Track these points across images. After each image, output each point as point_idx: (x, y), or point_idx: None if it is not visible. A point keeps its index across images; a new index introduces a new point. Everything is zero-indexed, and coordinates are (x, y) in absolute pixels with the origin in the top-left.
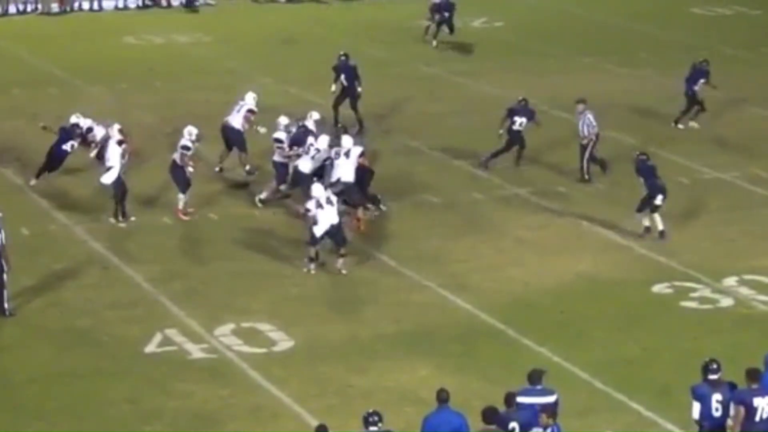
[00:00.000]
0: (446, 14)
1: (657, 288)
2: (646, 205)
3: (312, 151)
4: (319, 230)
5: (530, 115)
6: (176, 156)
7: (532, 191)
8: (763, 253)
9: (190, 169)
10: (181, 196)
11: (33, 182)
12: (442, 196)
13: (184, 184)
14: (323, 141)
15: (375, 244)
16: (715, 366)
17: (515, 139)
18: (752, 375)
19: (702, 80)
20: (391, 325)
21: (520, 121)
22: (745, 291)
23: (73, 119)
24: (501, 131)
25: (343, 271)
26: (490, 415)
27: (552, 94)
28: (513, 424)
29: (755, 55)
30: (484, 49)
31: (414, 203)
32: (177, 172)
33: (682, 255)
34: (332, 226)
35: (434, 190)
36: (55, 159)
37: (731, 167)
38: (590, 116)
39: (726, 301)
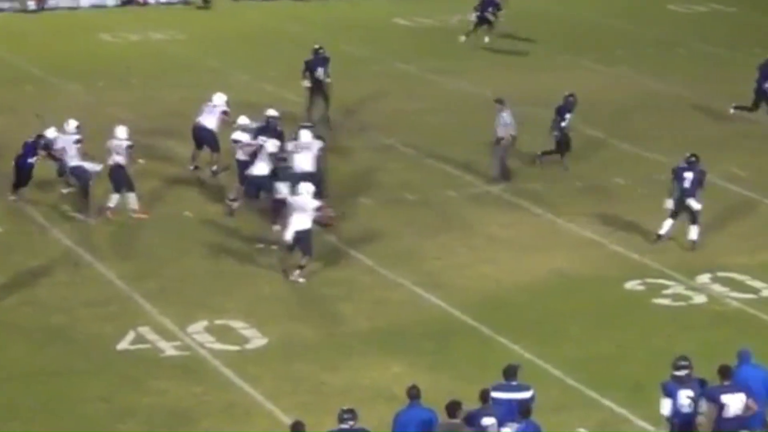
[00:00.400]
0: (491, 9)
1: (630, 285)
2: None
3: (262, 154)
4: (287, 234)
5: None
6: (120, 158)
7: (505, 188)
8: (736, 250)
9: (141, 161)
10: (131, 195)
11: (12, 198)
12: (416, 194)
13: (129, 183)
14: (272, 144)
15: (350, 241)
16: (684, 363)
17: (565, 137)
18: (724, 372)
19: None
20: (365, 322)
21: (570, 117)
22: (718, 288)
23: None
24: (555, 133)
25: (300, 280)
26: (453, 409)
27: (529, 92)
28: (489, 420)
29: (731, 52)
30: (462, 46)
31: (388, 201)
32: (120, 174)
33: (655, 252)
34: (301, 232)
35: (409, 187)
36: (22, 173)
37: (707, 165)
38: (505, 115)
39: (699, 299)
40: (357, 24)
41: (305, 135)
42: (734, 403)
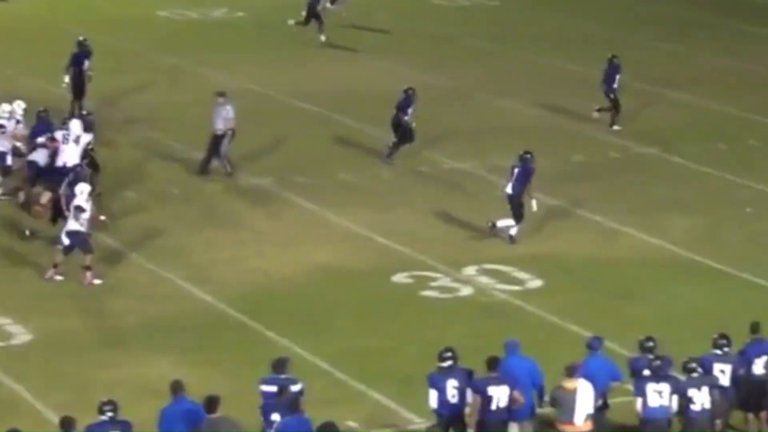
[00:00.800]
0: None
1: (397, 278)
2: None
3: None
4: (63, 238)
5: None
6: None
7: (271, 181)
8: (501, 242)
9: None
10: None
11: None
12: (182, 188)
13: None
14: (58, 135)
15: (118, 237)
16: (448, 354)
17: (408, 130)
18: (490, 363)
19: (618, 76)
20: (133, 318)
21: (411, 110)
22: (484, 280)
23: None
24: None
25: (95, 282)
26: (211, 404)
27: (292, 85)
28: (276, 416)
29: (494, 45)
30: (226, 39)
31: (154, 195)
32: None
33: (422, 245)
34: (76, 233)
35: (174, 182)
36: None
37: (470, 157)
38: (228, 108)
39: (466, 291)
40: (121, 17)
41: (75, 126)
42: (500, 394)
